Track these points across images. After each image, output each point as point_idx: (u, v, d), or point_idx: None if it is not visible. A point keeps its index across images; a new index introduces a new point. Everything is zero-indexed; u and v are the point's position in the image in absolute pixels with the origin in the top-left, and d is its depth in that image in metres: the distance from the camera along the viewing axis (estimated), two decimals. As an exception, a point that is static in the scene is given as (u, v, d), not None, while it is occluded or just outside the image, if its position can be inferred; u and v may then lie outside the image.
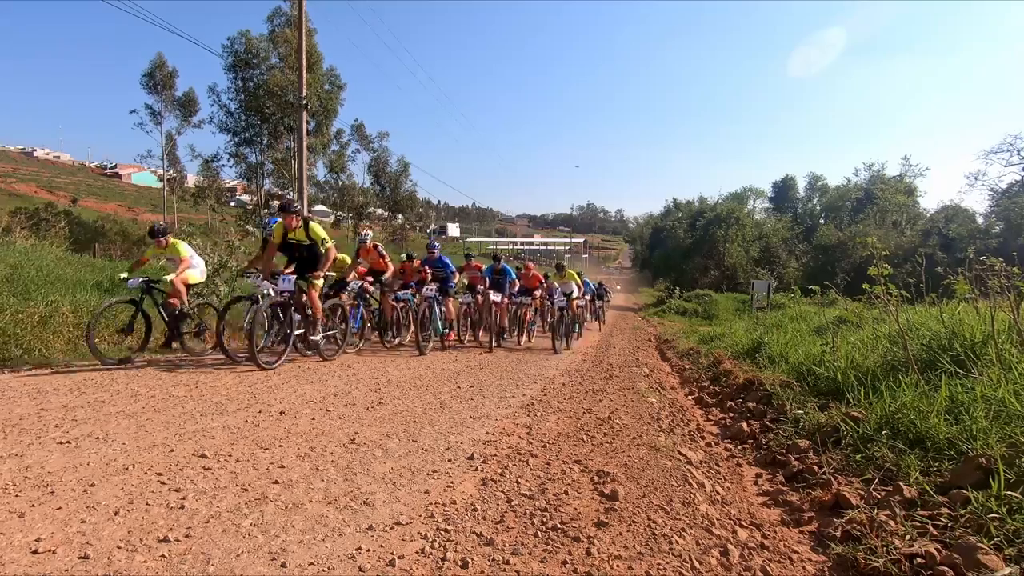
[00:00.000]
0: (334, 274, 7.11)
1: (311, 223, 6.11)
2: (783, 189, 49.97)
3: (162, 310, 5.96)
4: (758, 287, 19.73)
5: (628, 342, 12.07)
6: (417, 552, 1.85)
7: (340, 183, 38.12)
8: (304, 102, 13.68)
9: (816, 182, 49.13)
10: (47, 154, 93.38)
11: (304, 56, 13.83)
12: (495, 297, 9.19)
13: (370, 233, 8.40)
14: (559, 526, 2.10)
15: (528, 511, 2.23)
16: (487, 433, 3.42)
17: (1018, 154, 30.67)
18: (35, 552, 1.70)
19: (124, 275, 5.97)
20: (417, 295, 8.28)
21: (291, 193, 25.78)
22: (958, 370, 3.52)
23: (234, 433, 3.09)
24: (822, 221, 43.97)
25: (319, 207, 42.38)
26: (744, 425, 4.09)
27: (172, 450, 2.71)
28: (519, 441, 3.28)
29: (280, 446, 2.89)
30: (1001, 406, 2.90)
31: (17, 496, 2.10)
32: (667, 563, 1.88)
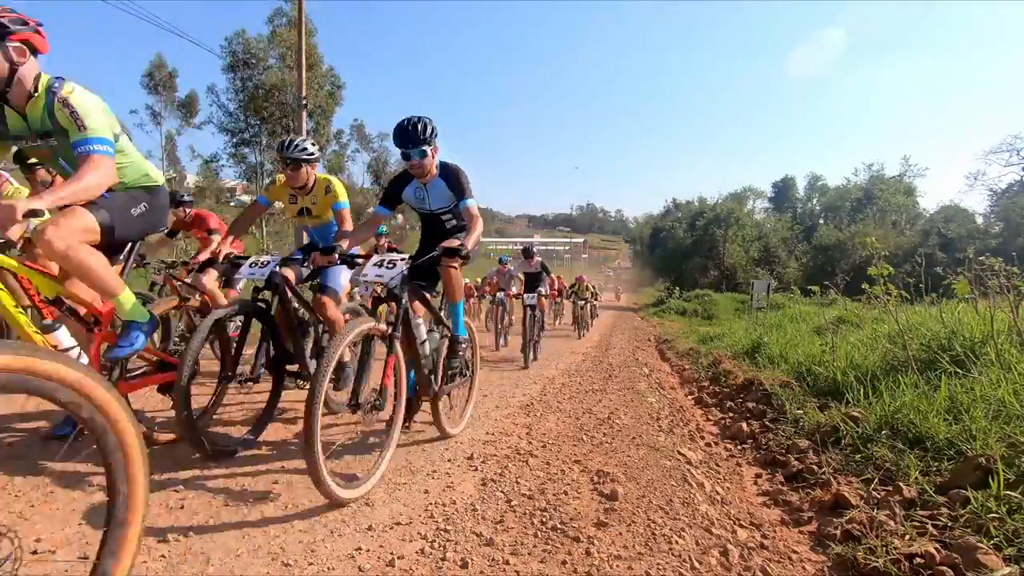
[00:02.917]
0: None
1: None
2: (783, 189, 49.97)
3: None
4: (758, 287, 19.69)
5: (628, 342, 12.05)
6: (417, 552, 1.85)
7: (339, 183, 38.05)
8: (304, 103, 13.66)
9: (816, 182, 49.19)
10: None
11: (304, 57, 13.81)
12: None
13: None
14: (559, 526, 2.10)
15: (528, 511, 2.23)
16: (487, 433, 3.42)
17: (1018, 154, 30.72)
18: (35, 552, 1.70)
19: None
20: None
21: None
22: (958, 370, 3.52)
23: (234, 433, 3.08)
24: (822, 221, 43.96)
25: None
26: (744, 425, 4.09)
27: (171, 451, 2.71)
28: (519, 441, 3.28)
29: (280, 445, 2.89)
30: (1001, 406, 2.91)
31: (17, 496, 2.10)
32: (667, 563, 1.88)
